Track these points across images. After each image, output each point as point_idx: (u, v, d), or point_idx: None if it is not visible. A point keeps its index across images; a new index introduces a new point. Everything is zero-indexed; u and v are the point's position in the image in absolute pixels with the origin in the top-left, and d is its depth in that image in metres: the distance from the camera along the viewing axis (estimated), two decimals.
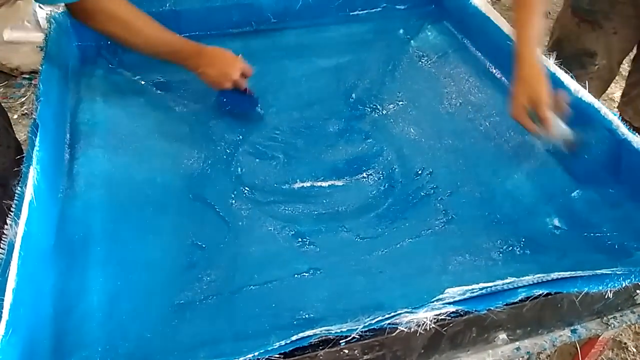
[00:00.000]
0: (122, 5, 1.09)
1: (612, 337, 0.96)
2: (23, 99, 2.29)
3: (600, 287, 0.75)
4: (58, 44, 1.20)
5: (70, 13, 1.10)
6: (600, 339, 0.93)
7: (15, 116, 2.19)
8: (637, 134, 0.97)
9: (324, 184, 1.12)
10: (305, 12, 1.46)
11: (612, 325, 0.86)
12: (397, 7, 1.52)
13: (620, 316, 0.87)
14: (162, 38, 1.14)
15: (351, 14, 1.51)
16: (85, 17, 1.07)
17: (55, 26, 1.23)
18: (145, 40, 1.12)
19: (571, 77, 1.09)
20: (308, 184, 1.11)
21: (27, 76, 2.38)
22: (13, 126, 1.23)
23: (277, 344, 0.64)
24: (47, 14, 1.25)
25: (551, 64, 1.13)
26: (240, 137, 1.18)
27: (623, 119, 1.04)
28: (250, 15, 1.44)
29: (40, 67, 1.10)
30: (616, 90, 2.42)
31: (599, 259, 0.86)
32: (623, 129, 0.98)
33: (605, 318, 0.86)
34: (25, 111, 2.20)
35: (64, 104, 1.14)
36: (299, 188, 1.10)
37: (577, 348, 0.94)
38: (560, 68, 1.13)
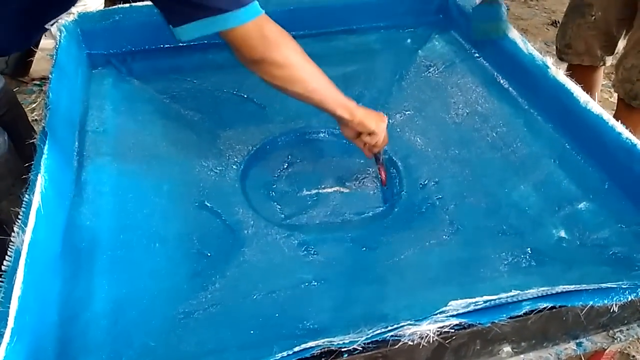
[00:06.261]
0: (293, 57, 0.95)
1: (619, 350, 0.95)
2: (34, 105, 2.31)
3: (606, 301, 0.74)
4: (68, 52, 1.21)
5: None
6: (606, 352, 0.92)
7: None
8: None
9: (330, 192, 1.12)
10: (313, 22, 1.46)
11: (619, 339, 0.85)
12: (405, 16, 1.52)
13: (627, 329, 0.86)
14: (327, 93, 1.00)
15: (360, 25, 1.52)
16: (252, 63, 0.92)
17: (65, 34, 1.25)
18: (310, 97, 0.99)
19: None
20: (313, 191, 1.12)
21: (38, 82, 2.40)
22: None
23: (280, 354, 0.64)
24: (57, 22, 1.26)
25: (561, 73, 1.13)
26: (247, 146, 1.18)
27: None
28: None
29: (50, 75, 1.11)
30: None
31: (604, 272, 0.85)
32: (631, 140, 0.97)
33: (611, 331, 0.85)
34: (36, 117, 2.22)
35: (73, 112, 1.15)
36: (304, 196, 1.10)
37: None
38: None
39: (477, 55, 1.41)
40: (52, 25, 1.02)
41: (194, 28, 0.84)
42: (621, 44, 1.72)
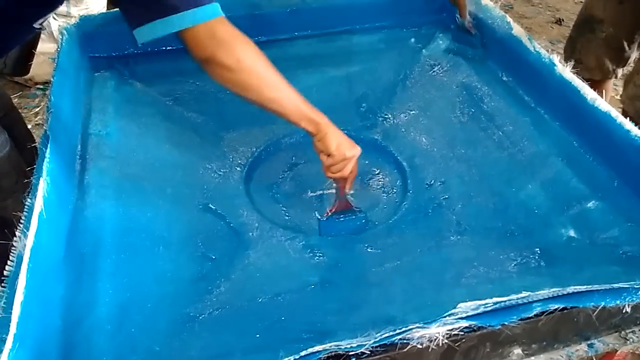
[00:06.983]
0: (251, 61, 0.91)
1: (631, 350, 0.94)
2: (37, 109, 2.31)
3: (618, 301, 0.72)
4: (69, 55, 1.20)
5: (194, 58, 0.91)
6: (618, 353, 0.91)
7: (30, 126, 2.20)
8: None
9: (335, 194, 1.11)
10: (316, 22, 1.45)
11: (631, 340, 0.84)
12: (408, 15, 1.51)
13: (639, 330, 0.85)
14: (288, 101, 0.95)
15: (363, 25, 1.50)
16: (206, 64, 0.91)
17: (67, 37, 1.24)
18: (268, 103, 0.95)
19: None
20: (318, 193, 1.11)
21: (41, 87, 2.40)
22: None
23: (286, 359, 0.63)
24: (59, 25, 1.25)
25: (567, 71, 1.12)
26: (251, 147, 1.17)
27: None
28: (262, 25, 1.44)
29: (52, 78, 1.10)
30: None
31: (616, 272, 0.84)
32: None
33: (623, 332, 0.84)
34: (39, 121, 2.22)
35: (75, 115, 1.14)
36: (309, 198, 1.09)
37: None
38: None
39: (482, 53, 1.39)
40: (40, 24, 1.02)
41: (151, 29, 0.84)
42: (633, 57, 1.70)
